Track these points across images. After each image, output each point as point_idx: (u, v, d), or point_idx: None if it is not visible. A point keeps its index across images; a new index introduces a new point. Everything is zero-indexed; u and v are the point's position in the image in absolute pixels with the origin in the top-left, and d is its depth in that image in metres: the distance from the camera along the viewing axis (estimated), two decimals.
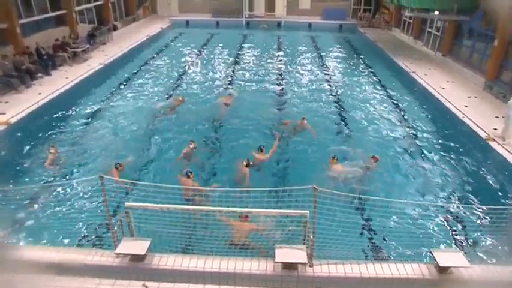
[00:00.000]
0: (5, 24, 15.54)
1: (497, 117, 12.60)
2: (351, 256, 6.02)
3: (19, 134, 11.35)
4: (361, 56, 22.41)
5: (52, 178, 9.38)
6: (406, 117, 13.71)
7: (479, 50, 16.95)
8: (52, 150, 9.92)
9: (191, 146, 10.26)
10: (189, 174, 8.50)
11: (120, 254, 5.88)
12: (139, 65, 19.58)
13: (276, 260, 5.62)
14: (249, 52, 22.86)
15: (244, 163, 9.21)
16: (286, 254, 5.68)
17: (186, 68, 19.35)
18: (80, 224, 7.58)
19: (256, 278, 5.72)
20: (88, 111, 13.52)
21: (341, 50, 24.24)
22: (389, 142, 11.75)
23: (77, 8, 21.35)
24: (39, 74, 15.53)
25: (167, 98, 14.89)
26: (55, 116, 12.82)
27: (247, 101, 14.61)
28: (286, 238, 6.17)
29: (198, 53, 22.45)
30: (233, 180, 9.30)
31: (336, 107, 14.62)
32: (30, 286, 5.69)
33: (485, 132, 11.41)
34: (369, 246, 7.02)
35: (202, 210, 6.37)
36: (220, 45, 24.44)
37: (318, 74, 18.67)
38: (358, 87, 16.90)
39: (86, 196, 8.24)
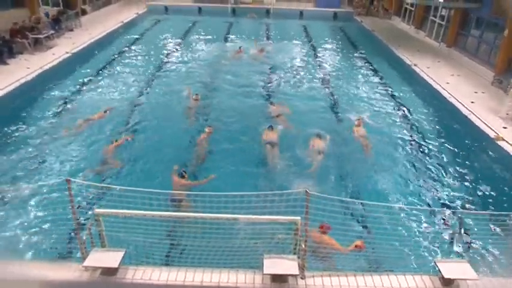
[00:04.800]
0: None
1: (507, 114, 12.78)
2: (347, 267, 6.05)
3: None
4: (358, 47, 22.64)
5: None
6: (406, 114, 13.88)
7: (488, 41, 17.24)
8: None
9: (194, 97, 13.56)
10: (183, 173, 8.83)
11: (89, 267, 5.79)
12: (112, 54, 19.48)
13: (265, 272, 5.60)
14: (235, 42, 22.84)
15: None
16: (276, 264, 5.67)
17: (165, 59, 19.28)
18: (43, 233, 7.45)
19: None
20: (52, 105, 13.32)
21: (335, 40, 24.44)
22: (388, 142, 11.87)
23: None
24: None
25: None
26: (12, 111, 12.57)
27: (232, 98, 14.70)
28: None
29: (179, 43, 22.37)
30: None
31: (330, 101, 14.72)
32: None
33: (494, 132, 11.59)
34: (366, 255, 7.05)
35: (183, 217, 6.32)
36: (204, 34, 24.37)
37: (310, 67, 18.79)
38: (354, 81, 17.08)
39: (50, 201, 8.08)
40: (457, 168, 10.61)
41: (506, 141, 11.03)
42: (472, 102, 13.81)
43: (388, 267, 6.34)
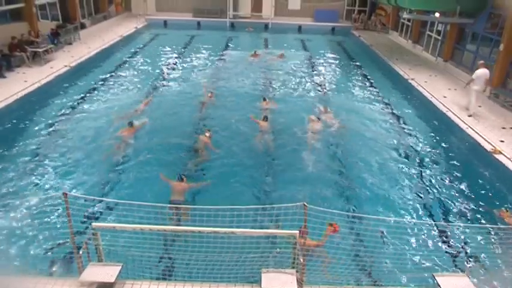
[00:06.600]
0: None
1: (504, 128, 12.91)
2: (345, 280, 6.03)
3: None
4: (356, 62, 22.84)
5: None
6: (404, 128, 13.93)
7: (484, 56, 17.40)
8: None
9: (209, 95, 15.16)
10: (182, 177, 9.01)
11: (85, 282, 5.75)
12: (111, 68, 19.53)
13: (263, 286, 5.58)
14: (233, 56, 23.00)
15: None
16: (274, 279, 5.65)
17: (163, 73, 19.37)
18: (39, 247, 7.40)
19: None
20: (50, 119, 13.32)
21: (333, 54, 24.62)
22: (385, 156, 11.88)
23: (38, 2, 20.94)
24: None
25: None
26: (10, 124, 12.60)
27: (227, 113, 14.68)
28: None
29: (177, 56, 22.54)
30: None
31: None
32: None
33: (491, 145, 11.65)
34: (364, 268, 7.02)
35: (181, 231, 6.31)
36: (202, 48, 24.56)
37: (308, 82, 18.88)
38: (352, 96, 17.21)
39: (47, 215, 8.05)
40: (455, 180, 10.63)
41: (504, 155, 11.08)
42: (469, 115, 13.89)
43: (386, 280, 6.32)
